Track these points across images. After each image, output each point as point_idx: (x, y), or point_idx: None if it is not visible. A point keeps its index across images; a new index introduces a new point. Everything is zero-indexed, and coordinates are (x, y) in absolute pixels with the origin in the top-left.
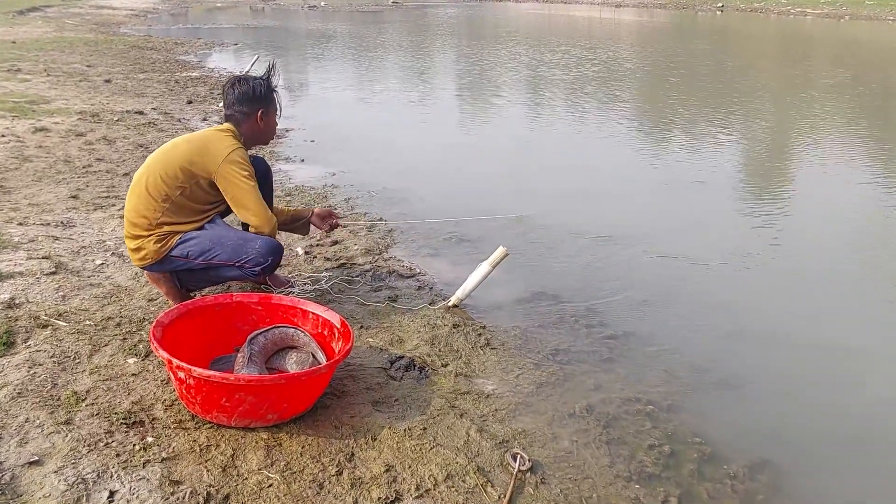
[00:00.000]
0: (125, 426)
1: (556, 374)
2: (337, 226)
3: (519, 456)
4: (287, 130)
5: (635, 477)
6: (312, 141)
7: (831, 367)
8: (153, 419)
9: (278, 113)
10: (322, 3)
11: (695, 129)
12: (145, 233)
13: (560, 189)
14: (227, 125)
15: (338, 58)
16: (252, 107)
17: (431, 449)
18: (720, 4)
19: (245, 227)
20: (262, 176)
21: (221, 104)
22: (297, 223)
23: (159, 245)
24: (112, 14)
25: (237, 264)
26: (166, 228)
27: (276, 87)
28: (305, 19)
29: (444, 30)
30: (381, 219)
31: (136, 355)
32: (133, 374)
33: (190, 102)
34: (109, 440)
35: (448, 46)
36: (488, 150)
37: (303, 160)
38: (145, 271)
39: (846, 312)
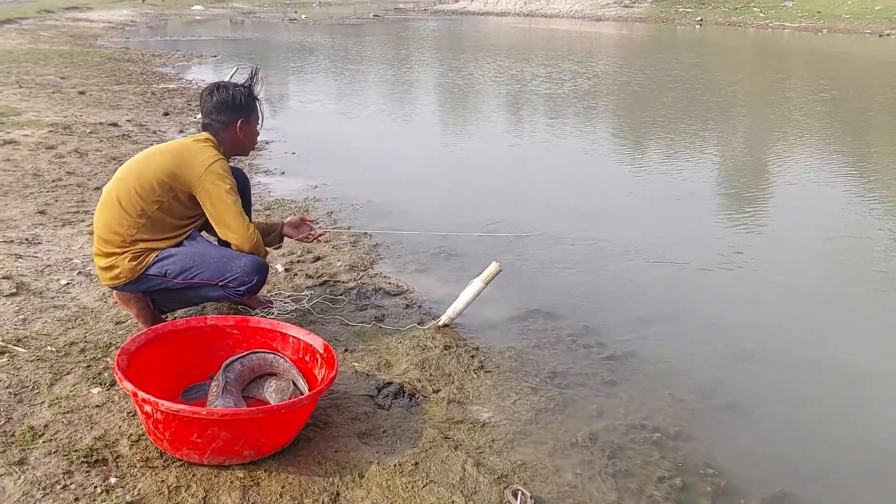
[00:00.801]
0: (86, 465)
1: (556, 399)
2: (314, 237)
3: (520, 493)
4: (267, 142)
5: None
6: (293, 153)
7: (849, 389)
8: (117, 457)
9: (260, 122)
10: (302, 17)
11: (691, 143)
12: (118, 250)
13: (554, 202)
14: (204, 134)
15: (320, 70)
16: (231, 116)
17: (424, 486)
18: (699, 19)
19: (224, 243)
20: (241, 188)
21: (200, 115)
22: (267, 237)
23: (135, 263)
24: (89, 26)
25: (220, 284)
26: (142, 245)
27: (258, 94)
28: (286, 32)
29: (427, 43)
30: (365, 233)
31: (100, 384)
32: (97, 406)
33: (166, 114)
34: (68, 482)
35: (433, 59)
36: (479, 164)
37: (283, 173)
38: (115, 291)
39: (859, 329)
